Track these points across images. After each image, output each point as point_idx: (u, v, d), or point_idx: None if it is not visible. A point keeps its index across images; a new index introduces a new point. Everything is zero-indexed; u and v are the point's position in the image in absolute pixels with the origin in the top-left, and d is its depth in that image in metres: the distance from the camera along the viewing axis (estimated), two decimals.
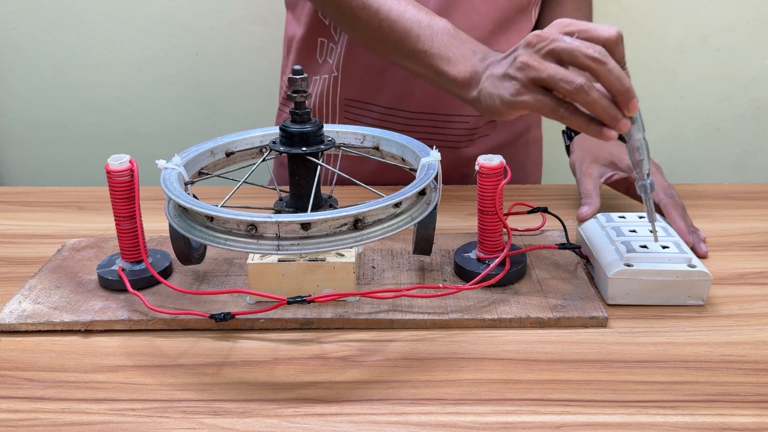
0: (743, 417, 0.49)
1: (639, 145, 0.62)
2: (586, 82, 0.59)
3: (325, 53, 0.94)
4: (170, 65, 1.44)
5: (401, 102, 0.93)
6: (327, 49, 0.94)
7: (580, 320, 0.60)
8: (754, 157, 1.50)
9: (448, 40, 0.72)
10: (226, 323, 0.59)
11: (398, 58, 0.76)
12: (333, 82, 0.94)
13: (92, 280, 0.66)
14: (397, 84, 0.91)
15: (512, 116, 0.66)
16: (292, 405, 0.51)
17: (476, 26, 0.87)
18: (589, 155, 0.83)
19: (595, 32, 0.59)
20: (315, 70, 0.96)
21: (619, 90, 0.58)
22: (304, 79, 0.61)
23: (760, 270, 0.70)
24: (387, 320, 0.60)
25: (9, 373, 0.55)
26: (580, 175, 0.82)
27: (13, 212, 0.86)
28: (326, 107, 0.96)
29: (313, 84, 0.96)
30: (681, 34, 1.39)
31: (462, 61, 0.70)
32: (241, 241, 0.55)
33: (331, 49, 0.93)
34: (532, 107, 0.62)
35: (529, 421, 0.49)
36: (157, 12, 1.39)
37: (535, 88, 0.62)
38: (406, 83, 0.91)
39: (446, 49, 0.71)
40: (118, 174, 0.62)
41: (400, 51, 0.75)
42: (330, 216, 0.54)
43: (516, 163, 1.02)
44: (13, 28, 1.41)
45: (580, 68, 0.59)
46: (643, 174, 0.63)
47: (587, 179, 0.81)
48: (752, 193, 0.91)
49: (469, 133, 0.95)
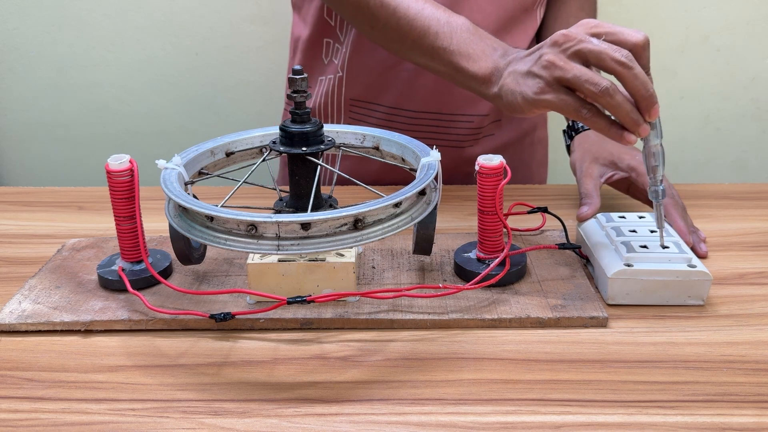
0: (743, 417, 0.49)
1: (656, 151, 0.62)
2: (611, 85, 0.59)
3: (331, 53, 0.94)
4: (170, 65, 1.44)
5: (406, 102, 0.93)
6: (332, 49, 0.94)
7: (580, 320, 0.60)
8: (754, 157, 1.50)
9: (467, 36, 0.72)
10: (226, 323, 0.59)
11: (417, 57, 0.76)
12: (338, 82, 0.94)
13: (92, 280, 0.66)
14: (401, 84, 0.91)
15: (534, 114, 0.66)
16: (292, 405, 0.51)
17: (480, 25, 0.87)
18: (590, 155, 0.83)
19: (623, 36, 0.60)
20: (321, 70, 0.96)
21: (643, 95, 0.59)
22: (304, 79, 0.61)
23: (760, 270, 0.70)
24: (387, 320, 0.60)
25: (9, 373, 0.55)
26: (581, 174, 0.82)
27: (13, 212, 0.86)
28: (331, 107, 0.96)
29: (318, 84, 0.97)
30: (681, 34, 1.39)
31: (483, 57, 0.70)
32: (241, 241, 0.55)
33: (337, 49, 0.93)
34: (555, 106, 0.63)
35: (529, 421, 0.49)
36: (157, 12, 1.39)
37: (559, 87, 0.62)
38: (410, 83, 0.91)
39: (466, 45, 0.71)
40: (118, 174, 0.62)
41: (419, 49, 0.75)
42: (330, 216, 0.53)
43: (522, 162, 1.02)
44: (13, 28, 1.41)
45: (607, 71, 0.60)
46: (657, 180, 0.63)
47: (587, 179, 0.81)
48: (752, 193, 0.91)
49: (473, 132, 0.96)
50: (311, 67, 0.97)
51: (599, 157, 0.82)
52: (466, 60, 0.71)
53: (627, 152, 0.81)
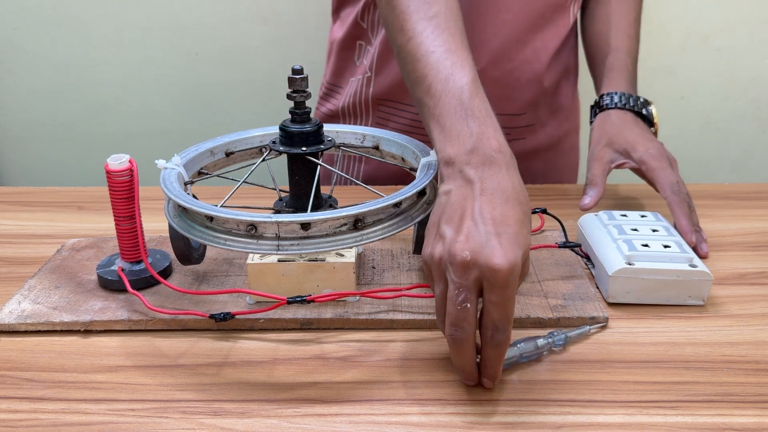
0: (744, 417, 0.49)
1: None
2: (463, 338, 0.50)
3: (362, 55, 0.94)
4: (170, 65, 1.44)
5: None
6: (363, 51, 0.94)
7: (580, 320, 0.60)
8: (754, 157, 1.50)
9: (455, 106, 0.58)
10: (226, 323, 0.59)
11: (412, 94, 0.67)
12: (366, 82, 0.94)
13: (92, 280, 0.66)
14: None
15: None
16: (292, 405, 0.51)
17: (509, 24, 0.86)
18: (606, 138, 0.81)
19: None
20: (353, 71, 0.96)
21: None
22: (303, 79, 0.61)
23: (760, 270, 0.70)
24: (387, 320, 0.60)
25: (9, 373, 0.55)
26: (591, 156, 0.81)
27: (13, 212, 0.86)
28: (359, 107, 0.96)
29: (349, 85, 0.97)
30: (681, 34, 1.39)
31: (456, 139, 0.56)
32: (240, 241, 0.55)
33: (367, 50, 0.93)
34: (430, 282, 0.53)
35: (529, 421, 0.49)
36: (157, 12, 1.39)
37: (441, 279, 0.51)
38: None
39: (448, 116, 0.58)
40: (118, 174, 0.62)
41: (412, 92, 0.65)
42: (330, 216, 0.53)
43: (553, 168, 1.01)
44: (13, 28, 1.41)
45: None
46: None
47: (597, 163, 0.79)
48: (752, 193, 0.91)
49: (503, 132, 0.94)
50: (344, 68, 0.97)
51: (614, 142, 0.80)
52: (440, 131, 0.58)
53: (643, 143, 0.79)
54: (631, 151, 0.79)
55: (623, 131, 0.81)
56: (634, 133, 0.80)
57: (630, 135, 0.80)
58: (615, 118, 0.83)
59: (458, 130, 0.57)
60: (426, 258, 0.52)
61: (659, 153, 0.78)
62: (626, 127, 0.81)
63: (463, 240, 0.49)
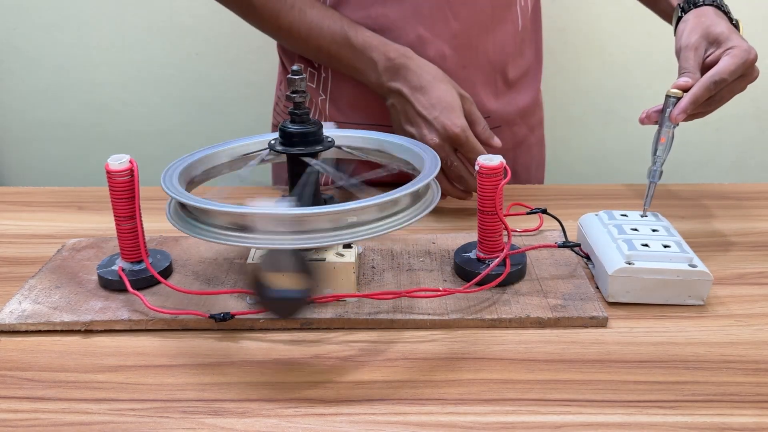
0: (743, 417, 0.49)
1: (666, 137, 0.70)
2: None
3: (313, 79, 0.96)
4: (170, 65, 1.44)
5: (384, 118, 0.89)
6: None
7: (580, 320, 0.60)
8: (754, 157, 1.50)
9: (349, 49, 0.82)
10: (226, 323, 0.59)
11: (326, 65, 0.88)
12: (321, 105, 0.94)
13: (92, 280, 0.66)
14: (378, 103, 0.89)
15: None
16: (292, 405, 0.51)
17: (460, 29, 0.87)
18: (701, 28, 0.78)
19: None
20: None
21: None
22: (302, 80, 0.61)
23: (760, 270, 0.70)
24: (387, 320, 0.60)
25: (9, 373, 0.55)
26: (685, 43, 0.78)
27: (13, 212, 0.86)
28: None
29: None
30: None
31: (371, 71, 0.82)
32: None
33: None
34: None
35: (529, 421, 0.49)
36: (157, 12, 1.39)
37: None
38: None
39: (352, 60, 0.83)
40: (118, 174, 0.62)
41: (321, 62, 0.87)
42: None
43: (521, 165, 1.01)
44: (13, 28, 1.42)
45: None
46: (657, 162, 0.72)
47: (690, 52, 0.76)
48: (752, 193, 0.91)
49: None
50: None
51: (709, 35, 0.78)
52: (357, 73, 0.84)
53: (734, 40, 0.76)
54: (726, 40, 0.76)
55: (721, 24, 0.78)
56: (731, 30, 0.78)
57: (727, 29, 0.78)
58: (712, 12, 0.80)
59: (365, 64, 0.81)
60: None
61: (750, 49, 0.76)
62: (725, 23, 0.79)
63: (426, 132, 0.79)
